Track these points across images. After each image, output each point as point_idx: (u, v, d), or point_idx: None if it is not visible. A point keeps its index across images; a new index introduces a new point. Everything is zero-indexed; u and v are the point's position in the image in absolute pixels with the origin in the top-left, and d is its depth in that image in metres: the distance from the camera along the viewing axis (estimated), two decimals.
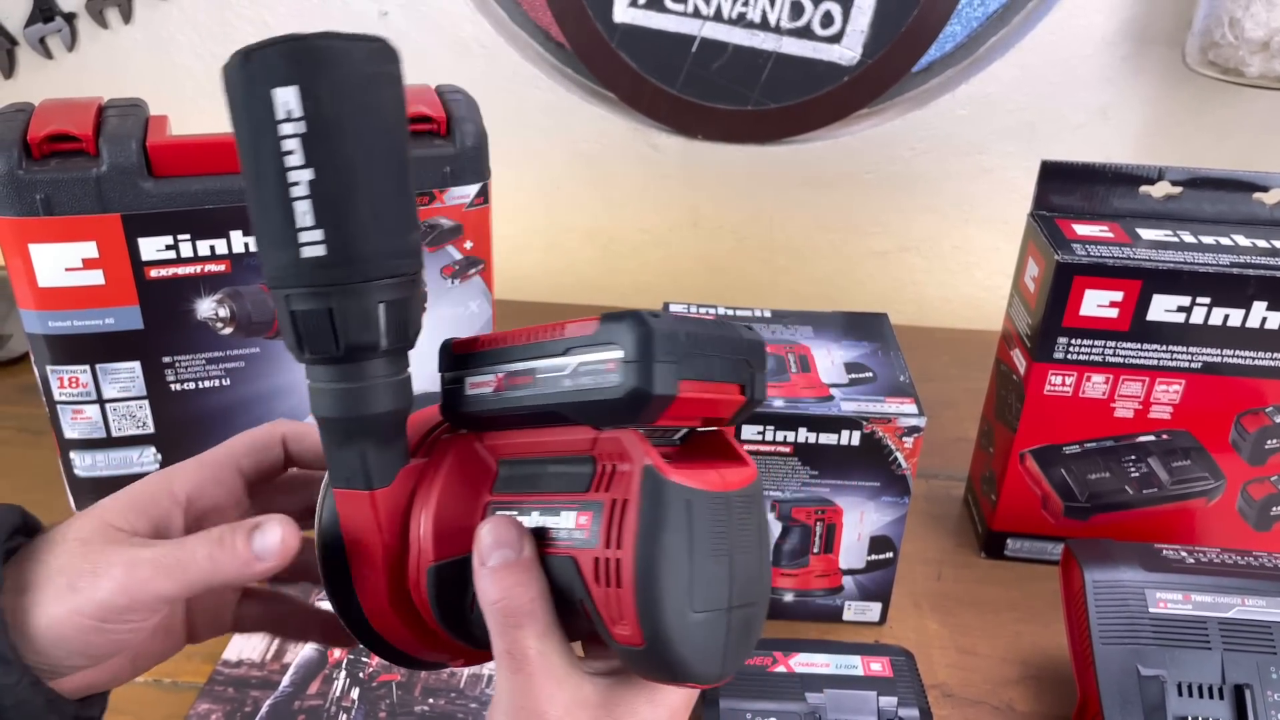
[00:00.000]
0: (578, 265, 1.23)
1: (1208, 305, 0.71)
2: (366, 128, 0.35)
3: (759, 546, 0.37)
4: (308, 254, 0.35)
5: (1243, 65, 0.94)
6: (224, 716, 0.66)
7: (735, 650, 0.36)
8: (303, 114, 0.34)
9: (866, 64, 1.06)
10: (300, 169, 0.34)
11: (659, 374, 0.34)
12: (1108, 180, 0.77)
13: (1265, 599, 0.64)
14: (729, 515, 0.35)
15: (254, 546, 0.40)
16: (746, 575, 0.36)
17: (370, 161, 0.35)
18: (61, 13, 1.10)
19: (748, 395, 0.37)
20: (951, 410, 0.97)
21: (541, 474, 0.39)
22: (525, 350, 0.38)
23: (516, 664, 0.37)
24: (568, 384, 0.36)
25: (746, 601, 0.36)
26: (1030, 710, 0.70)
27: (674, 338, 0.34)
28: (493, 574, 0.38)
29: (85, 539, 0.40)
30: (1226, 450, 0.76)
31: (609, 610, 0.35)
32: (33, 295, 0.69)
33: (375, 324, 0.36)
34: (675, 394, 0.34)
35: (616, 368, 0.34)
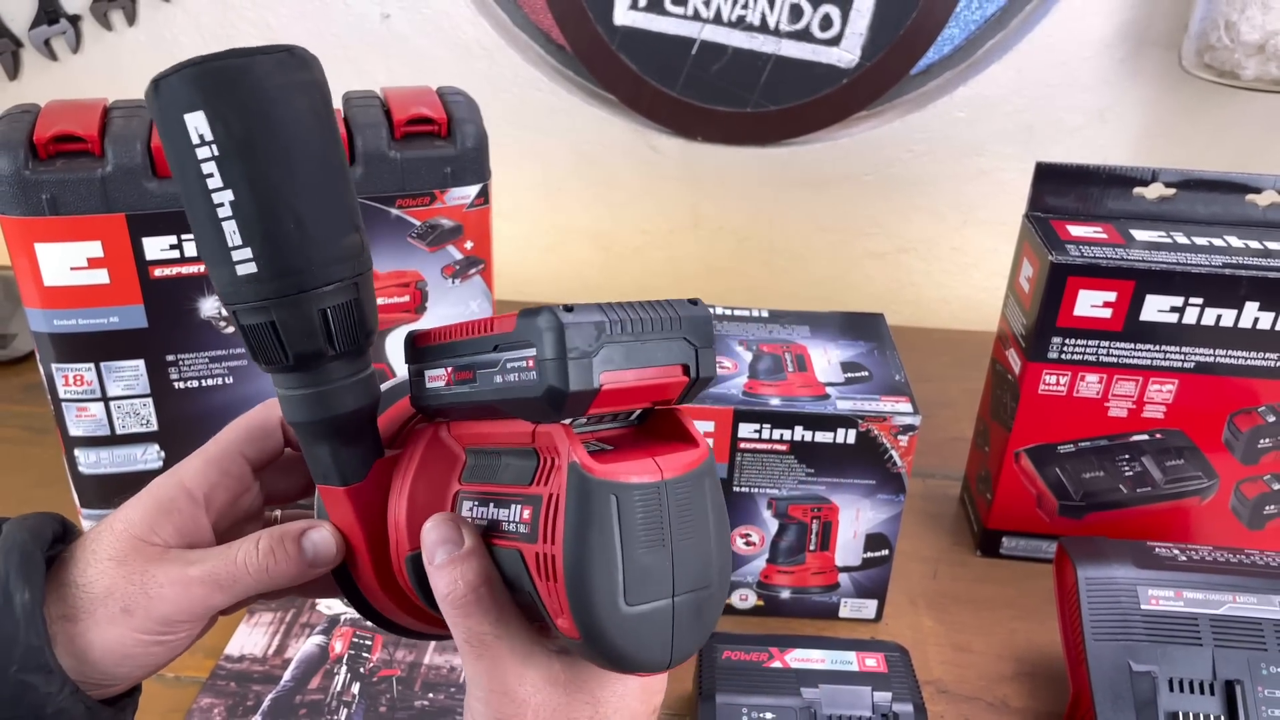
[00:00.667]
0: (578, 266, 1.24)
1: (1200, 305, 0.72)
2: (279, 142, 0.35)
3: (711, 528, 0.36)
4: (242, 271, 0.36)
5: (1238, 68, 0.95)
6: (226, 711, 0.67)
7: (684, 637, 0.36)
8: (213, 137, 0.34)
9: (865, 66, 1.06)
10: (221, 190, 0.35)
11: (574, 370, 0.33)
12: (1102, 182, 0.77)
13: (1256, 596, 0.64)
14: (666, 504, 0.35)
15: (307, 553, 0.42)
16: (693, 561, 0.35)
17: (288, 175, 0.35)
18: (66, 15, 1.11)
19: (692, 375, 0.36)
20: (949, 410, 0.98)
21: (498, 465, 0.39)
22: (465, 345, 0.38)
23: (478, 650, 0.38)
24: (498, 380, 0.36)
25: (695, 587, 0.35)
26: (1024, 706, 0.70)
27: (588, 330, 0.33)
28: (439, 570, 0.38)
29: (121, 559, 0.41)
30: (1220, 449, 0.77)
31: (551, 603, 0.35)
32: (38, 294, 0.70)
33: (317, 332, 0.37)
34: (596, 387, 0.33)
35: (534, 366, 0.34)
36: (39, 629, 0.39)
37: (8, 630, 0.38)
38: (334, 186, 0.37)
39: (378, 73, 1.12)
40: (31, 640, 0.38)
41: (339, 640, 0.73)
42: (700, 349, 0.36)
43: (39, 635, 0.39)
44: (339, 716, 0.67)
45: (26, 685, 0.38)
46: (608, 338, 0.34)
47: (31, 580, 0.39)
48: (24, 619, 0.38)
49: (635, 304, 0.35)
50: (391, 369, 0.80)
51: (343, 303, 0.37)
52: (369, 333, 0.39)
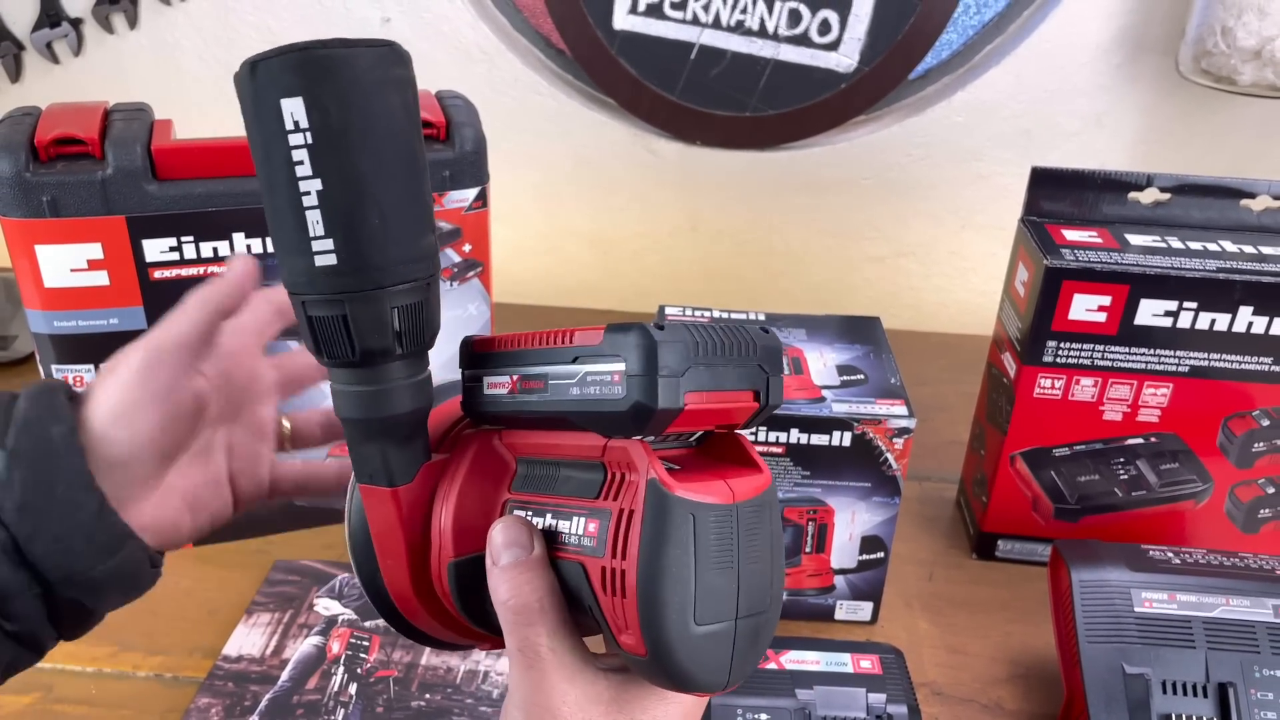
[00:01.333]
0: (577, 269, 1.24)
1: (1195, 310, 0.72)
2: (374, 136, 0.35)
3: (770, 554, 0.36)
4: (320, 263, 0.35)
5: (1235, 73, 0.95)
6: (224, 711, 0.67)
7: (742, 659, 0.36)
8: (309, 125, 0.34)
9: (863, 71, 1.07)
10: (309, 179, 0.34)
11: (663, 389, 0.33)
12: (1097, 186, 0.78)
13: (1249, 599, 0.65)
14: (736, 527, 0.35)
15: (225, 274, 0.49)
16: (755, 585, 0.36)
17: (378, 169, 0.35)
18: (68, 18, 1.12)
19: (761, 401, 0.36)
20: (945, 414, 0.98)
21: (556, 476, 0.39)
22: (538, 355, 0.38)
23: (528, 661, 0.38)
24: (575, 393, 0.36)
25: (755, 611, 0.36)
26: (1018, 708, 0.70)
27: (679, 350, 0.34)
28: (503, 573, 0.38)
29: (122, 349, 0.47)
30: (1214, 453, 0.77)
31: (615, 618, 0.35)
32: (39, 295, 0.70)
33: (388, 329, 0.37)
34: (681, 407, 0.34)
35: (621, 380, 0.34)
36: (77, 453, 0.43)
37: (50, 455, 0.42)
38: (417, 185, 0.37)
39: None
40: (73, 464, 0.42)
41: (336, 641, 0.73)
42: (771, 376, 0.37)
43: (78, 458, 0.42)
44: (336, 717, 0.67)
45: (73, 503, 0.42)
46: (695, 359, 0.34)
47: (62, 416, 0.43)
48: (64, 447, 0.42)
49: (717, 326, 0.36)
50: None
51: (414, 303, 0.37)
52: (433, 334, 0.39)
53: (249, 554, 0.81)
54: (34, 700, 0.68)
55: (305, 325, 0.37)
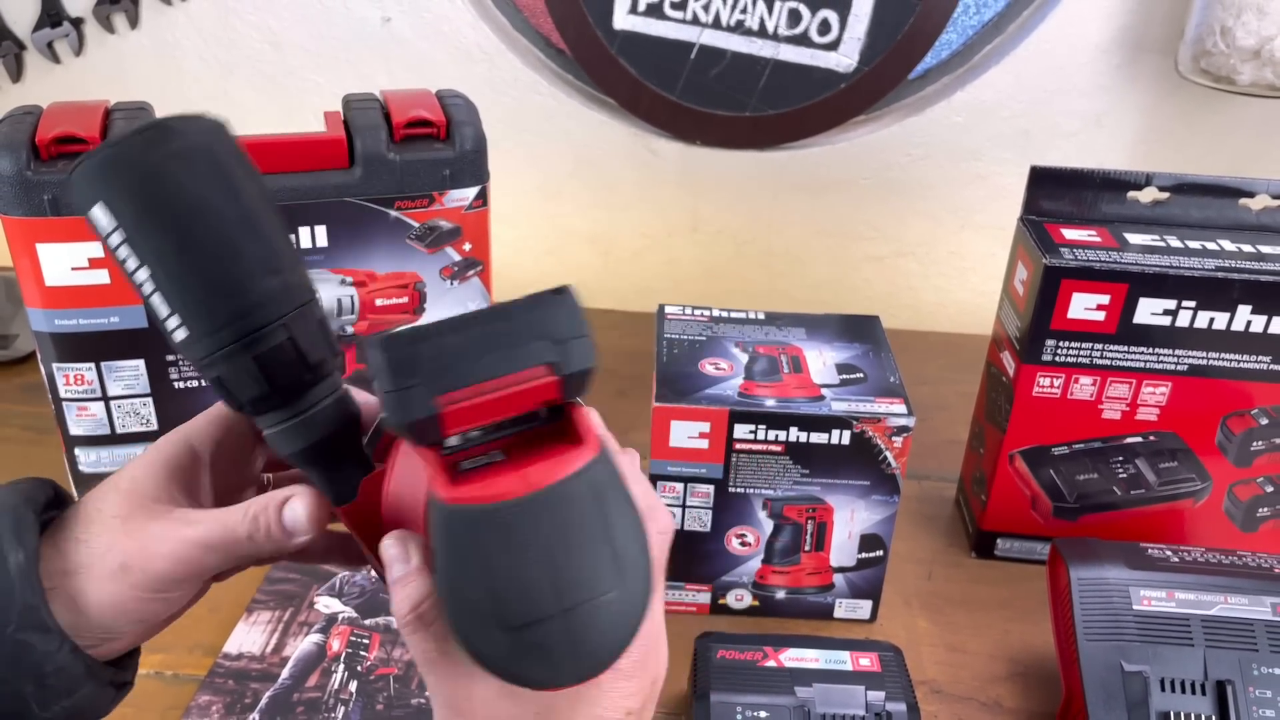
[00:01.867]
0: (577, 269, 1.24)
1: (1194, 309, 0.72)
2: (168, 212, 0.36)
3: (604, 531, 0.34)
4: (179, 338, 0.38)
5: (1234, 73, 0.95)
6: (224, 708, 0.68)
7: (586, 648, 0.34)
8: (116, 223, 0.36)
9: (863, 71, 1.07)
10: (139, 269, 0.36)
11: (403, 402, 0.32)
12: (1096, 185, 0.78)
13: (1248, 597, 0.65)
14: (536, 517, 0.33)
15: (286, 523, 0.42)
16: (578, 572, 0.33)
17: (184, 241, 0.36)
18: (69, 18, 1.12)
19: (561, 372, 0.34)
20: (945, 413, 0.98)
21: None
22: None
23: (427, 667, 0.39)
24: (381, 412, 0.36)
25: (588, 597, 0.33)
26: (1017, 707, 0.71)
27: (410, 359, 0.33)
28: (391, 589, 0.39)
29: (125, 516, 0.41)
30: (1213, 452, 0.77)
31: None
32: (40, 294, 0.71)
33: (256, 380, 0.38)
34: (435, 412, 0.32)
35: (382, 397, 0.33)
36: (35, 587, 0.39)
37: (3, 590, 0.39)
38: (239, 239, 0.37)
39: (378, 76, 1.13)
40: (28, 599, 0.39)
41: (336, 639, 0.73)
42: (569, 341, 0.34)
43: (35, 594, 0.39)
44: (336, 714, 0.67)
45: (24, 644, 0.39)
46: (440, 359, 0.33)
47: (25, 541, 0.40)
48: (19, 578, 0.39)
49: (489, 311, 0.34)
50: None
51: (275, 345, 0.38)
52: (314, 365, 0.40)
53: None
54: None
55: None
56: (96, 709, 0.43)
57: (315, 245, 0.74)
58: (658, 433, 0.70)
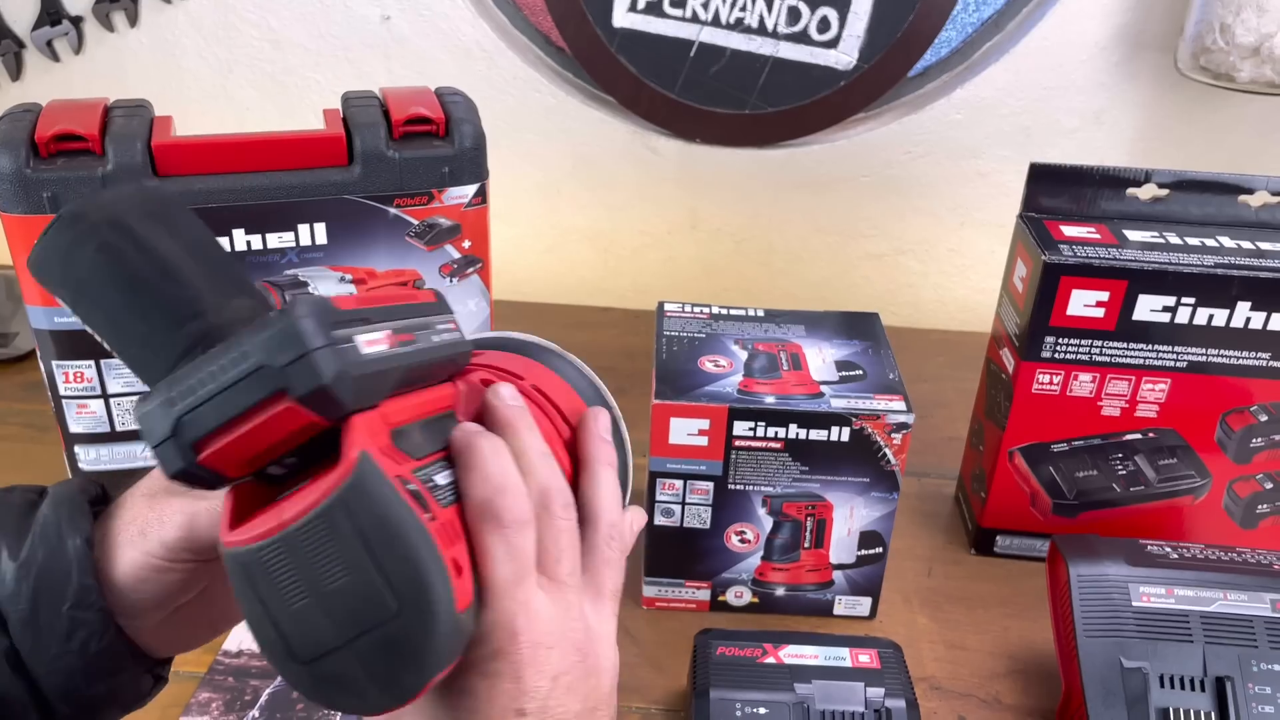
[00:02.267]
0: (577, 267, 1.24)
1: (1193, 305, 0.72)
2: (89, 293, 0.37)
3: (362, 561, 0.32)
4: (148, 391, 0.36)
5: (1234, 70, 0.95)
6: (224, 705, 0.68)
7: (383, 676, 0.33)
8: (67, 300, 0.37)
9: (863, 69, 1.07)
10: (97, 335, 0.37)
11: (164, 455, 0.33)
12: (1095, 182, 0.78)
13: (1247, 593, 0.65)
14: (294, 552, 0.32)
15: None
16: (360, 596, 0.32)
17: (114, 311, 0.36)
18: (68, 16, 1.12)
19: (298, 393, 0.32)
20: (944, 410, 0.98)
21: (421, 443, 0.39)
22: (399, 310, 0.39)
23: None
24: None
25: (374, 624, 0.32)
26: (1017, 703, 0.71)
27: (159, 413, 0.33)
28: None
29: (150, 494, 0.44)
30: (1212, 449, 0.77)
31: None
32: (39, 292, 0.70)
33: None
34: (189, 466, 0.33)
35: None
36: (89, 570, 0.42)
37: (62, 571, 0.42)
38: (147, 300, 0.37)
39: (378, 74, 1.13)
40: (83, 581, 0.42)
41: None
42: (294, 362, 0.32)
43: (89, 575, 0.42)
44: (335, 713, 0.67)
45: (79, 621, 0.42)
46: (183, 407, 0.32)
47: (80, 527, 0.43)
48: (76, 561, 0.42)
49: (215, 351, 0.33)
50: None
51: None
52: None
53: None
54: None
55: None
56: (136, 693, 0.46)
57: (315, 243, 0.74)
58: (657, 430, 0.70)
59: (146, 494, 0.44)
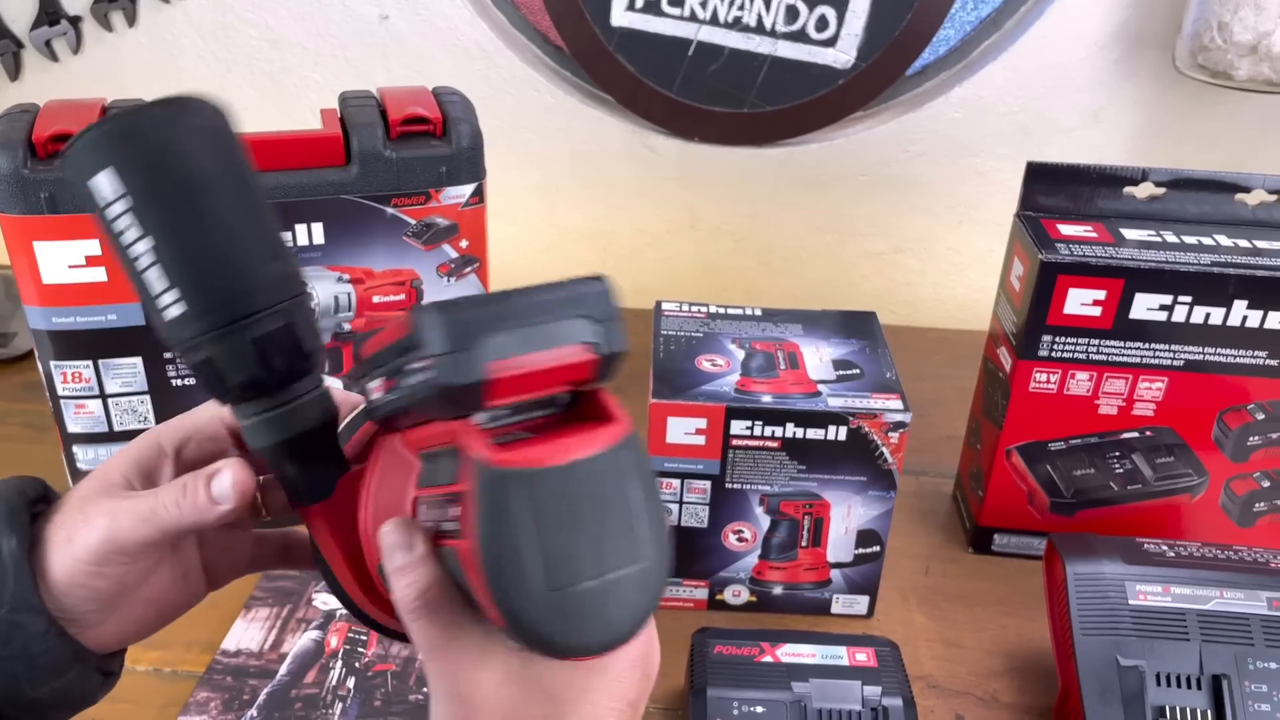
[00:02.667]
0: (575, 266, 1.24)
1: (1189, 304, 0.72)
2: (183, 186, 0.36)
3: (637, 505, 0.35)
4: (170, 315, 0.37)
5: (1231, 68, 0.95)
6: (222, 704, 0.68)
7: (618, 616, 0.35)
8: (123, 190, 0.36)
9: (861, 67, 1.07)
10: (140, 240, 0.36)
11: (455, 365, 0.33)
12: (1092, 181, 0.78)
13: (1243, 591, 0.65)
14: (578, 485, 0.34)
15: (213, 491, 0.42)
16: (617, 540, 0.34)
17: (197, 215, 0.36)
18: (67, 16, 1.12)
19: (600, 351, 0.35)
20: (942, 409, 0.98)
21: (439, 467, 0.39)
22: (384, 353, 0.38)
23: (431, 653, 0.39)
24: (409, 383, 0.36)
25: (623, 564, 0.34)
26: (1014, 701, 0.71)
27: (466, 323, 0.33)
28: (392, 576, 0.39)
29: (84, 496, 0.43)
30: (1209, 447, 0.77)
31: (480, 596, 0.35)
32: (37, 292, 0.71)
33: (251, 363, 0.38)
34: (482, 379, 0.33)
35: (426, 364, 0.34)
36: (26, 571, 0.41)
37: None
38: (246, 221, 0.38)
39: (376, 73, 1.13)
40: (21, 582, 0.41)
41: (334, 635, 0.73)
42: (606, 323, 0.35)
43: (26, 577, 0.41)
44: (334, 711, 0.67)
45: (16, 625, 0.41)
46: (489, 327, 0.33)
47: (16, 529, 0.42)
48: (12, 564, 0.41)
49: (529, 288, 0.35)
50: None
51: (274, 329, 0.38)
52: (308, 354, 0.40)
53: None
54: None
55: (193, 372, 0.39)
56: (85, 694, 0.45)
57: (312, 242, 0.75)
58: (654, 429, 0.71)
59: (79, 496, 0.44)
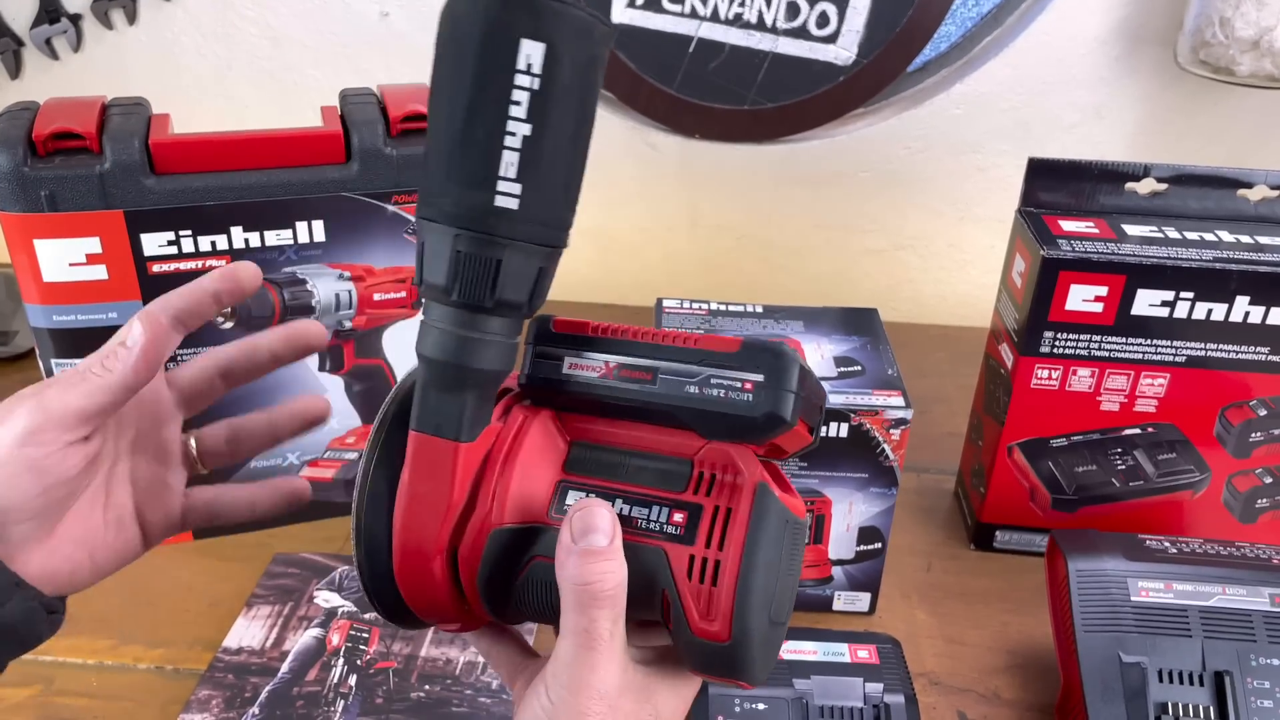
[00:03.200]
0: (577, 264, 1.23)
1: (1191, 300, 0.72)
2: (583, 102, 0.36)
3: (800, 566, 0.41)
4: (500, 203, 0.35)
5: (1233, 64, 0.95)
6: (224, 702, 0.68)
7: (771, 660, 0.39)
8: (541, 72, 0.34)
9: (862, 64, 1.07)
10: (521, 122, 0.34)
11: (793, 405, 0.37)
12: (1094, 177, 0.78)
13: (1246, 588, 0.65)
14: (799, 539, 0.39)
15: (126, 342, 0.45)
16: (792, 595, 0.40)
17: (576, 135, 0.36)
18: (67, 14, 1.12)
19: (814, 436, 0.40)
20: (944, 405, 0.98)
21: (624, 464, 0.40)
22: (650, 349, 0.40)
23: (589, 642, 0.38)
24: (692, 390, 0.38)
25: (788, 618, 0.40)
26: (1016, 698, 0.71)
27: (803, 374, 0.38)
28: (581, 556, 0.38)
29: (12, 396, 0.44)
30: (1212, 443, 0.77)
31: (698, 604, 0.37)
32: (37, 290, 0.71)
33: (528, 285, 0.38)
34: (794, 425, 0.38)
35: (753, 389, 0.37)
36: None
37: None
38: (584, 161, 0.38)
39: (377, 71, 1.13)
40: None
41: (336, 633, 0.73)
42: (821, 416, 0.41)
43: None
44: (336, 708, 0.67)
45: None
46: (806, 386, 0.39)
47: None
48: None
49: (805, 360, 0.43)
50: (389, 365, 0.81)
51: (549, 268, 0.38)
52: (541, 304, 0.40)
53: (248, 547, 0.81)
54: (35, 693, 0.69)
55: (447, 259, 0.36)
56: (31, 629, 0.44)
57: (313, 240, 0.74)
58: None
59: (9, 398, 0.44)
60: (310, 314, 0.76)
